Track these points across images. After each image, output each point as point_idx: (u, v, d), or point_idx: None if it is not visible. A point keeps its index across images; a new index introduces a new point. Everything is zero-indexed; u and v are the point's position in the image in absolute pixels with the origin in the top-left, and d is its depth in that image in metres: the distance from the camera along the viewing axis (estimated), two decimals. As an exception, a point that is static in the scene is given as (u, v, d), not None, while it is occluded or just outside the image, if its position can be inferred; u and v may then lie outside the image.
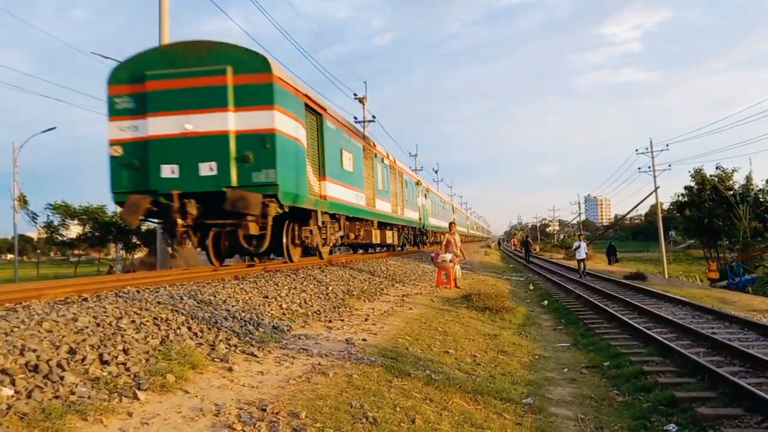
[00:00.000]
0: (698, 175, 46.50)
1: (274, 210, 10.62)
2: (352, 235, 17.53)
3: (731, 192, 43.76)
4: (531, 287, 22.16)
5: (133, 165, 10.40)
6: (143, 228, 38.76)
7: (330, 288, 11.96)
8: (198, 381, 5.03)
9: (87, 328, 5.49)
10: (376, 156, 19.43)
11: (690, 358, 8.03)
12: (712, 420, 5.84)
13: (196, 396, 4.63)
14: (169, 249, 17.01)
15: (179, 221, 10.60)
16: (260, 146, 10.11)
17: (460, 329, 10.08)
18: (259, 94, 10.06)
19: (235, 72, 10.05)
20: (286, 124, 10.67)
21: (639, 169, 48.26)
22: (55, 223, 39.30)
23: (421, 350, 7.65)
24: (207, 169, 10.15)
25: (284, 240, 12.65)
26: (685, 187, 47.99)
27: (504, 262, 45.49)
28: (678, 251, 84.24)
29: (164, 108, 10.14)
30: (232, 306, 8.04)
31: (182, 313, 6.89)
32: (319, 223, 13.34)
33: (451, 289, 15.78)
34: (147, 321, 6.22)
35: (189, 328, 6.39)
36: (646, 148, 47.02)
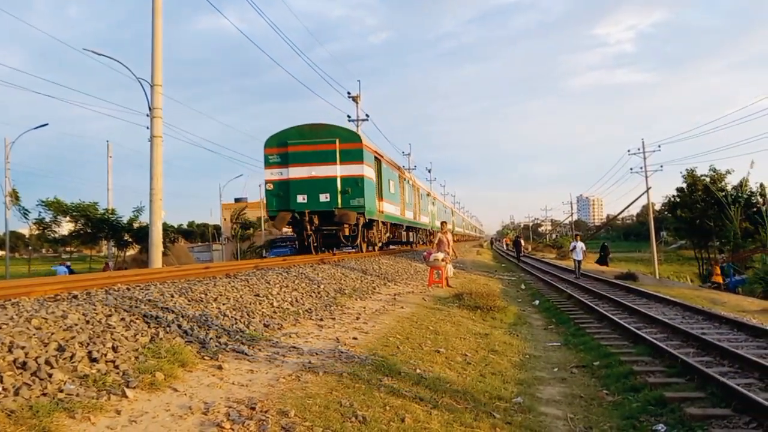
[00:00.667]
0: (690, 175, 46.71)
1: (362, 221, 17.66)
2: (391, 236, 24.87)
3: (723, 193, 43.98)
4: (523, 287, 22.21)
5: (279, 195, 17.32)
6: (135, 225, 38.63)
7: (322, 286, 11.95)
8: (187, 379, 5.01)
9: (76, 325, 5.47)
10: (406, 180, 27.22)
11: (679, 359, 8.06)
12: (700, 420, 5.87)
13: (185, 394, 4.62)
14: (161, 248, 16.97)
15: (308, 228, 17.55)
16: (354, 185, 17.04)
17: (451, 328, 10.09)
18: (354, 155, 17.05)
19: (341, 142, 17.02)
20: (367, 171, 17.51)
21: (631, 169, 48.40)
22: (47, 219, 39.03)
23: (412, 349, 7.65)
24: (324, 197, 17.09)
25: (359, 239, 18.88)
26: (678, 188, 48.27)
27: (496, 262, 45.56)
28: (669, 252, 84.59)
29: (299, 162, 17.07)
30: (223, 304, 8.02)
31: (172, 311, 6.87)
32: (380, 228, 20.51)
33: (443, 288, 15.79)
34: (137, 319, 6.20)
35: (179, 326, 6.37)
36: (638, 149, 47.25)
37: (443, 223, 18.22)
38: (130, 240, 39.85)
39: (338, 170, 17.42)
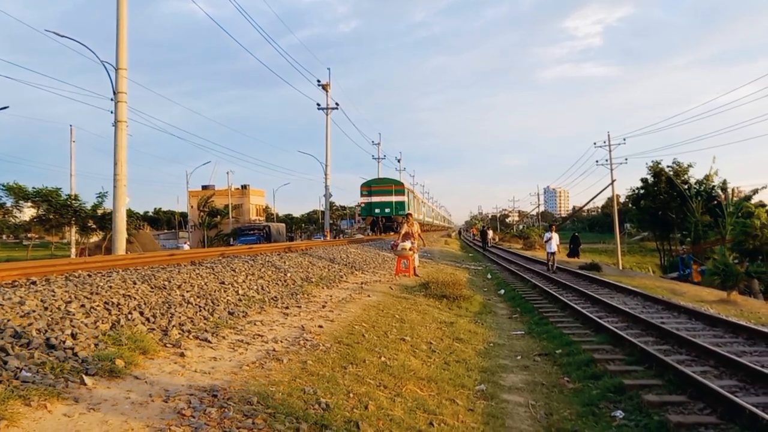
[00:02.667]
0: (655, 167, 47.51)
1: (401, 220, 28.69)
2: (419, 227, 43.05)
3: (686, 186, 44.91)
4: (489, 276, 22.42)
5: (368, 209, 40.27)
6: (99, 212, 37.91)
7: (288, 275, 11.91)
8: (149, 366, 4.95)
9: (34, 311, 5.35)
10: (414, 196, 46.87)
11: (638, 347, 8.23)
12: (657, 407, 6.01)
13: (146, 382, 4.56)
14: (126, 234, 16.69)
15: (380, 223, 39.92)
16: (401, 204, 38.93)
17: (417, 317, 10.14)
18: (401, 192, 39.36)
19: (394, 185, 39.97)
20: (407, 198, 40.20)
21: (597, 162, 49.09)
22: (8, 205, 38.05)
23: (378, 337, 7.68)
24: (386, 210, 39.37)
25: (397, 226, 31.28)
26: (642, 180, 49.01)
27: (463, 251, 45.89)
28: (632, 243, 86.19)
29: (376, 194, 39.42)
30: (187, 291, 7.94)
31: (134, 298, 6.77)
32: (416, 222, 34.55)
33: (410, 277, 15.86)
34: (97, 305, 6.09)
35: (141, 313, 6.28)
36: (604, 142, 47.75)
37: (408, 214, 18.33)
38: (94, 226, 39.11)
39: (393, 198, 39.58)
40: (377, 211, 40.55)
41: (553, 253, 23.25)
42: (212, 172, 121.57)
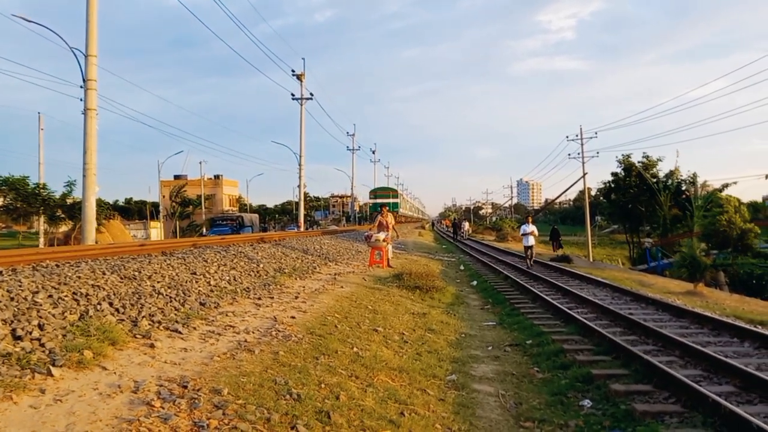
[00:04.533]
0: (626, 161, 48.11)
1: (397, 214, 52.25)
2: (404, 219, 63.25)
3: (655, 180, 45.57)
4: (462, 268, 22.56)
5: (374, 207, 54.53)
6: (69, 201, 37.26)
7: (261, 265, 11.86)
8: (117, 358, 4.90)
9: (-1, 302, 5.25)
10: (403, 198, 68.84)
11: (606, 337, 8.36)
12: (624, 396, 6.12)
13: (115, 373, 4.51)
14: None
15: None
16: (396, 204, 54.79)
17: (390, 308, 10.18)
18: (395, 196, 59.40)
19: (391, 191, 60.66)
20: (400, 200, 61.48)
21: (569, 155, 49.30)
22: (-27, 193, 37.16)
23: (350, 328, 7.69)
24: (387, 206, 22.45)
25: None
26: (613, 173, 49.62)
27: (437, 243, 46.11)
28: (603, 235, 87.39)
29: (380, 197, 55.51)
30: (158, 282, 7.86)
31: (104, 289, 6.68)
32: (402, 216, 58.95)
33: (384, 269, 15.90)
34: (65, 296, 6.00)
35: (110, 304, 6.21)
36: (576, 135, 48.15)
37: (383, 206, 18.39)
38: (63, 216, 38.41)
39: (390, 200, 52.47)
40: (380, 208, 63.75)
41: (530, 247, 21.15)
42: (185, 162, 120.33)
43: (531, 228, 21.04)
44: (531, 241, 21.04)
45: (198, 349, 5.48)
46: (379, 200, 56.42)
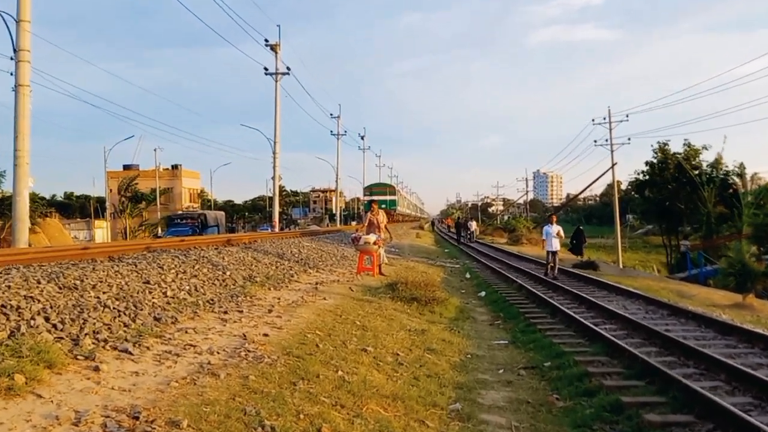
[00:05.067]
0: (662, 150, 48.08)
1: (395, 212, 70.62)
2: (401, 218, 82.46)
3: (697, 172, 45.40)
4: (467, 276, 22.62)
5: (369, 204, 30.80)
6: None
7: (228, 273, 11.85)
8: (55, 383, 4.88)
9: None
10: (400, 195, 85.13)
11: (639, 358, 8.40)
12: (660, 428, 6.15)
13: (52, 401, 4.49)
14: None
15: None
16: (393, 201, 70.08)
17: (382, 323, 10.19)
18: (393, 193, 73.67)
19: (388, 188, 74.68)
20: (397, 197, 76.84)
21: (595, 142, 49.46)
22: None
23: (334, 347, 7.69)
24: (383, 206, 27.98)
25: (389, 218, 33.52)
26: (647, 164, 49.58)
27: (438, 246, 46.21)
28: (635, 237, 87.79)
29: (376, 194, 63.89)
30: (104, 293, 7.83)
31: (38, 301, 6.66)
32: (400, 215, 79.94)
33: (374, 277, 15.92)
34: (-8, 309, 5.97)
35: (47, 319, 6.18)
36: (604, 118, 48.30)
37: (373, 202, 18.39)
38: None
39: (388, 197, 66.07)
40: (371, 206, 72.54)
41: (554, 253, 20.56)
42: (136, 149, 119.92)
43: (556, 229, 20.53)
44: (556, 245, 20.55)
45: (152, 373, 5.46)
46: (375, 197, 59.43)
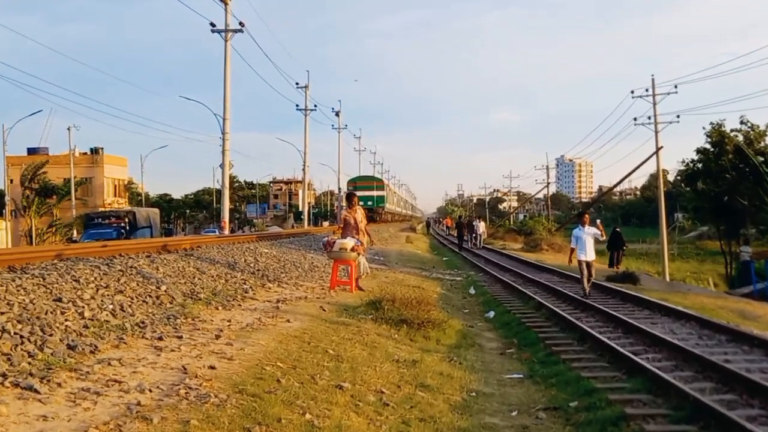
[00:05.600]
0: (717, 132, 48.08)
1: (383, 211, 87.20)
2: (391, 217, 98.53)
3: (762, 159, 45.21)
4: (472, 291, 22.64)
5: (349, 196, 22.44)
6: None
7: (164, 288, 11.82)
8: (-62, 431, 4.84)
9: None
10: (390, 190, 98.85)
11: (690, 396, 8.44)
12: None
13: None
14: None
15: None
16: (381, 198, 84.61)
17: (363, 352, 10.18)
18: (381, 188, 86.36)
19: (376, 182, 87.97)
20: (386, 192, 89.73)
21: (635, 120, 49.33)
22: None
23: (301, 383, 7.67)
24: (369, 203, 73.30)
25: (377, 216, 77.13)
26: (699, 150, 49.67)
27: (434, 253, 46.30)
28: (685, 242, 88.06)
29: (360, 189, 69.06)
30: (2, 313, 7.78)
31: None
32: (387, 213, 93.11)
33: (353, 292, 15.90)
34: None
35: (-73, 348, 6.13)
36: (646, 90, 48.25)
37: (353, 195, 18.34)
38: None
39: (375, 192, 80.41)
40: (360, 203, 78.68)
41: (589, 264, 19.62)
42: (45, 129, 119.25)
43: (591, 232, 19.76)
44: (590, 253, 19.65)
45: (65, 417, 5.43)
46: (359, 192, 61.66)
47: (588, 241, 19.51)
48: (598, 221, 22.22)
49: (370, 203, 76.74)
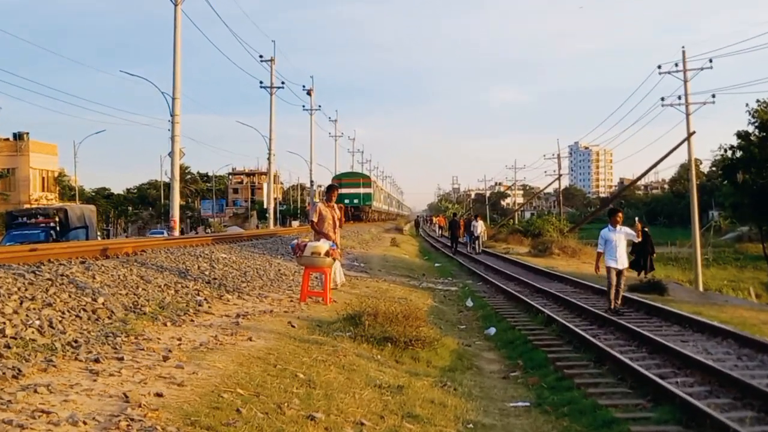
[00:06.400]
0: (762, 113, 48.01)
1: (369, 209, 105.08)
2: (377, 215, 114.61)
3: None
4: (469, 303, 22.66)
5: (338, 199, 22.88)
6: None
7: (101, 300, 11.79)
8: None
9: None
10: (377, 187, 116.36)
11: (731, 429, 8.48)
12: None
13: None
14: None
15: (349, 212, 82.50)
16: (368, 195, 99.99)
17: (339, 376, 10.18)
18: (368, 185, 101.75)
19: (362, 178, 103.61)
20: (373, 189, 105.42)
21: (662, 99, 49.42)
22: None
23: (265, 414, 7.67)
24: (355, 200, 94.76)
25: (363, 215, 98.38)
26: (739, 134, 49.65)
27: (424, 258, 46.36)
28: (722, 245, 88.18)
29: (346, 186, 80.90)
30: None
31: None
32: (374, 212, 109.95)
33: (327, 305, 15.89)
34: None
35: None
36: (676, 64, 48.32)
37: (333, 187, 18.35)
38: None
39: (361, 190, 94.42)
40: (347, 201, 79.99)
41: (620, 273, 19.25)
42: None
43: (624, 233, 19.54)
44: (622, 259, 19.38)
45: (-18, 455, 5.41)
46: (344, 189, 72.36)
47: (620, 244, 19.20)
48: (637, 220, 21.71)
49: (356, 201, 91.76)
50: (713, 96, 48.03)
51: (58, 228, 48.24)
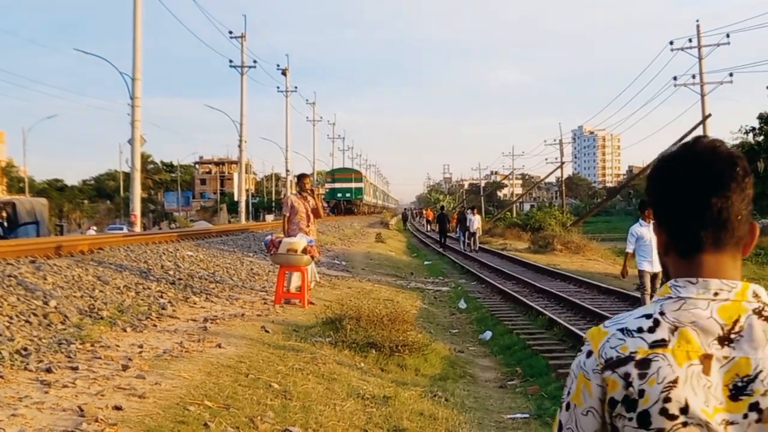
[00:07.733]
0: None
1: (360, 203, 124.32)
2: (366, 209, 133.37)
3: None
4: (462, 304, 22.70)
5: (331, 193, 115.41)
6: None
7: (53, 303, 11.77)
8: None
9: None
10: (368, 182, 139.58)
11: None
12: None
13: None
14: None
15: (342, 206, 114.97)
16: (359, 190, 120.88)
17: (318, 386, 10.19)
18: (359, 179, 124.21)
19: (354, 174, 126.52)
20: (364, 184, 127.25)
21: (675, 79, 49.53)
22: None
23: (236, 429, 7.68)
24: (347, 194, 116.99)
25: (359, 210, 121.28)
26: (761, 117, 49.72)
27: (413, 255, 46.42)
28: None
29: (338, 181, 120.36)
30: None
31: None
32: (365, 205, 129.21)
33: (305, 308, 15.89)
34: None
35: None
36: (690, 40, 48.47)
37: (302, 176, 18.35)
38: None
39: (354, 185, 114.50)
40: (339, 195, 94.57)
41: (655, 277, 16.95)
42: None
43: (645, 231, 16.72)
44: (654, 262, 16.49)
45: None
46: (337, 184, 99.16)
47: (648, 242, 16.53)
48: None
49: (348, 195, 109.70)
50: (731, 75, 47.95)
51: (5, 224, 48.18)
